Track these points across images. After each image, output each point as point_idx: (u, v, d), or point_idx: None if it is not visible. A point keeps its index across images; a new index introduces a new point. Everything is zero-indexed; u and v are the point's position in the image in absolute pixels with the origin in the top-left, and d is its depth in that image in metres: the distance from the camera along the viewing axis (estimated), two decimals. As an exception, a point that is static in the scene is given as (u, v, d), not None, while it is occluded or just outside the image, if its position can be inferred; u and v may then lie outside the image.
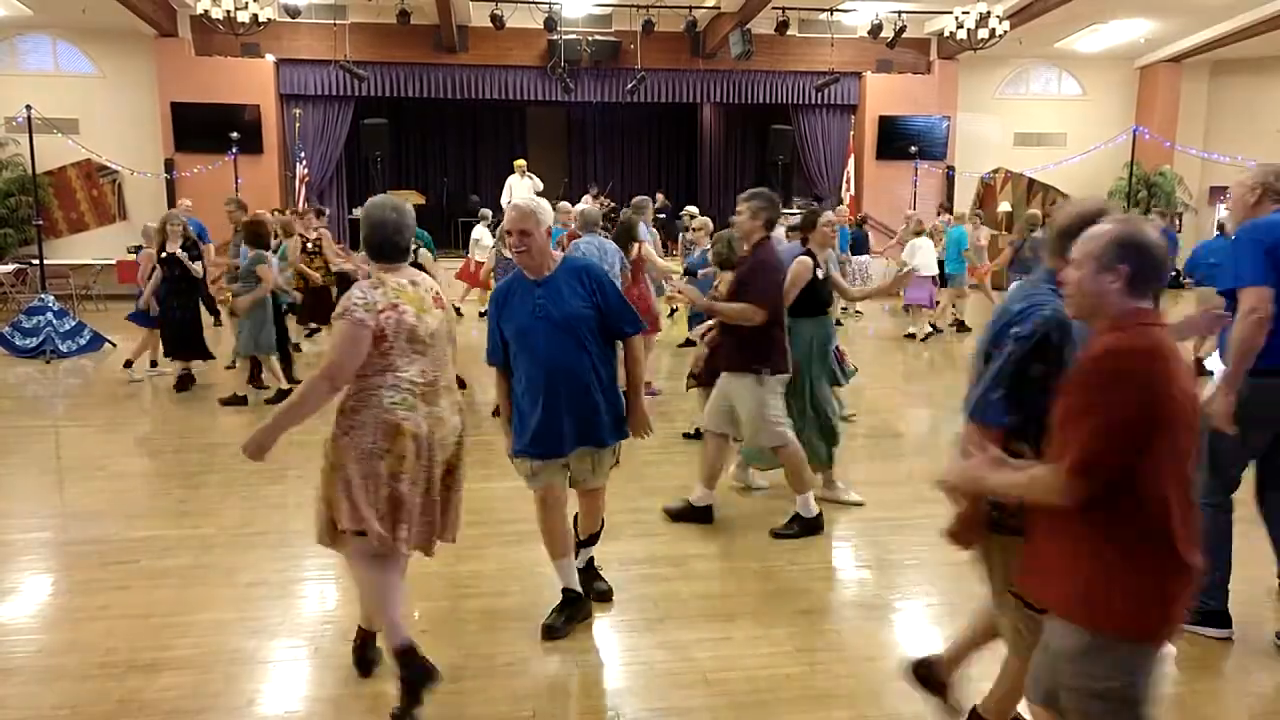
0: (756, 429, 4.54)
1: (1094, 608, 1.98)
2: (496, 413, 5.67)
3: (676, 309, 10.74)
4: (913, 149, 15.74)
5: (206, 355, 8.31)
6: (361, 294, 2.94)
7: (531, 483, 3.59)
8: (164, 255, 8.01)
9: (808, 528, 4.66)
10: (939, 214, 14.18)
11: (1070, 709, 2.07)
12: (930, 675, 2.92)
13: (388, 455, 2.93)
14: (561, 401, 3.43)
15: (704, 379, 5.60)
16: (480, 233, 12.23)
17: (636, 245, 7.06)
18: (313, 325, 10.03)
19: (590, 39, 15.32)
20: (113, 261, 13.67)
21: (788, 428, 4.62)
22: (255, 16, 12.02)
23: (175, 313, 8.08)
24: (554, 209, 11.82)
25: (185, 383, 8.17)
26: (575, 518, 3.88)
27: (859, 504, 5.13)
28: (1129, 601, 1.95)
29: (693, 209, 10.72)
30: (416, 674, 2.93)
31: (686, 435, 6.48)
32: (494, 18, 13.97)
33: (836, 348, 5.47)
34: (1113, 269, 2.00)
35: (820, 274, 4.93)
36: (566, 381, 3.42)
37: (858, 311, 13.06)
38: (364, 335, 2.89)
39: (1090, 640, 1.99)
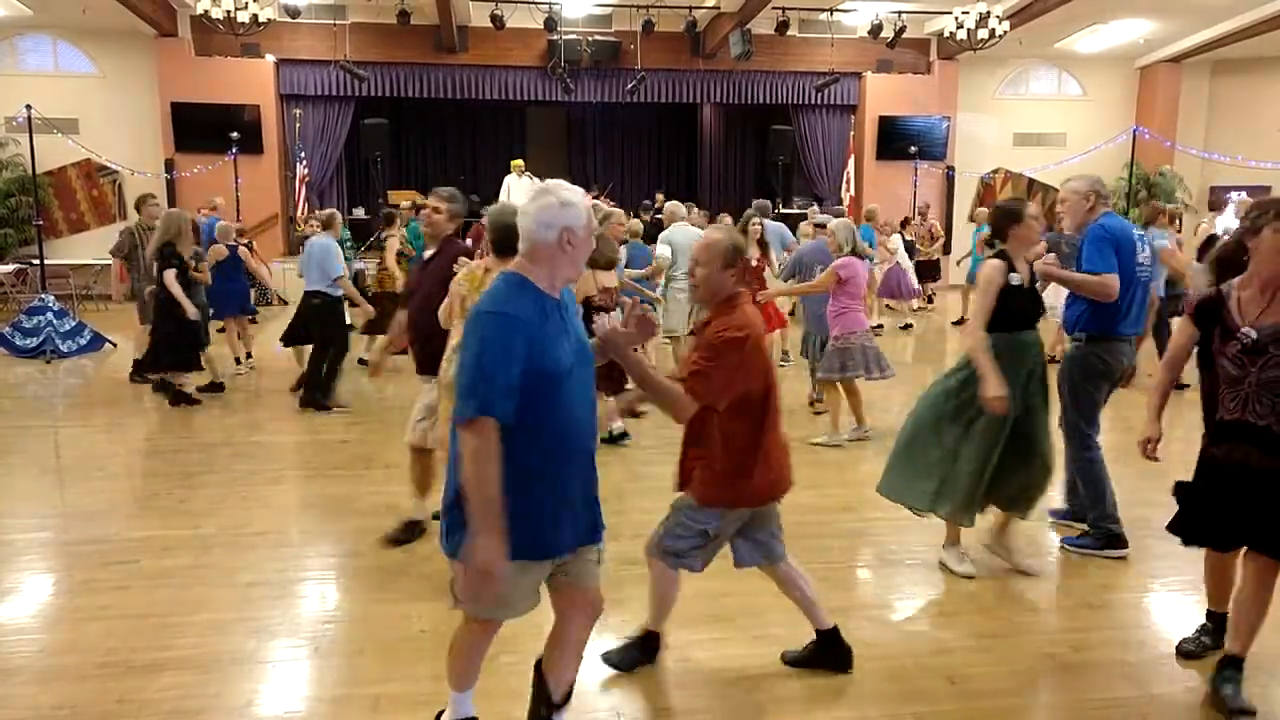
0: None
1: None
2: None
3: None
4: (913, 149, 15.73)
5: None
6: None
7: (520, 604, 2.56)
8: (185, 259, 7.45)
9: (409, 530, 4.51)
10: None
11: None
12: None
13: None
14: (590, 475, 2.61)
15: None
16: None
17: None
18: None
19: (590, 39, 15.32)
20: (112, 262, 13.66)
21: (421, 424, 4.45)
22: (255, 16, 12.02)
23: (177, 321, 7.42)
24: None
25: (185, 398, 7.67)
26: (539, 663, 2.89)
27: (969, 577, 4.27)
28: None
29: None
30: None
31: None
32: (494, 18, 13.96)
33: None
34: (732, 266, 2.97)
35: (1015, 280, 4.06)
36: (593, 445, 2.61)
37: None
38: None
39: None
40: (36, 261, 11.01)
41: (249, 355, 9.21)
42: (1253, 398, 3.06)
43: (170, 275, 7.32)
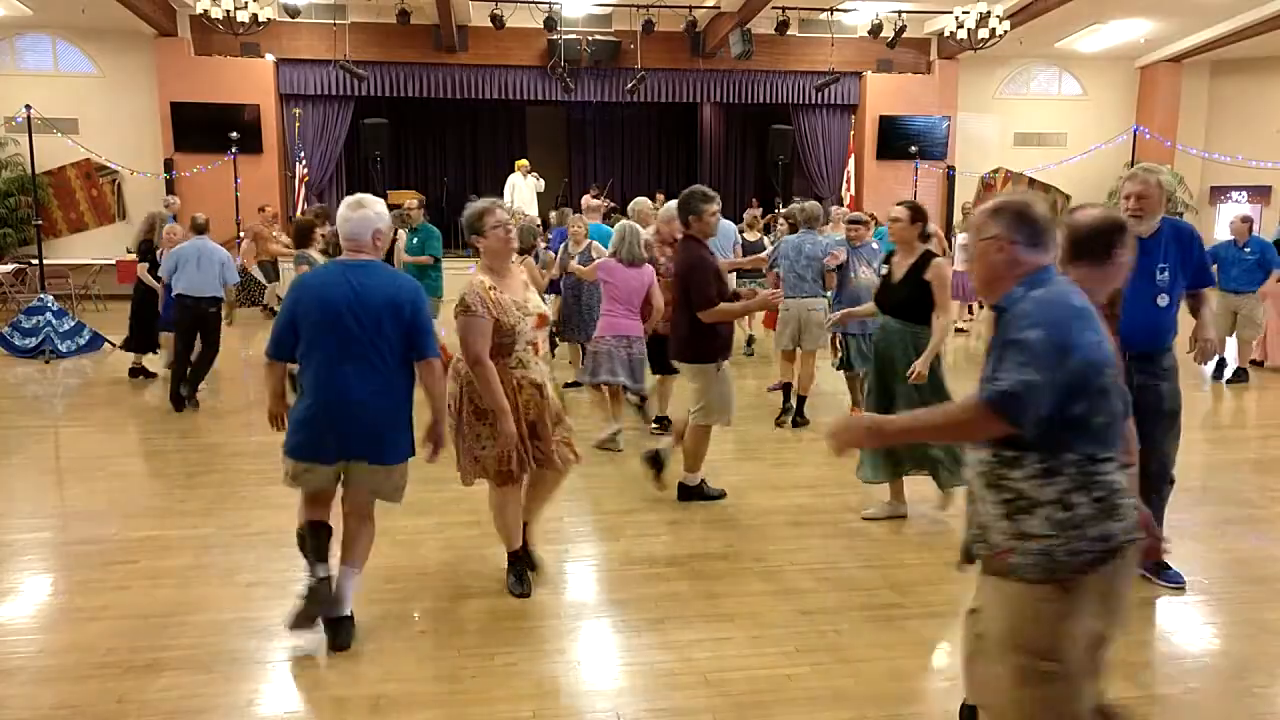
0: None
1: None
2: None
3: None
4: (913, 149, 15.74)
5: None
6: None
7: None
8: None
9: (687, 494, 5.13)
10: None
11: None
12: None
13: None
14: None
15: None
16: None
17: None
18: None
19: (590, 39, 15.32)
20: (112, 261, 13.66)
21: None
22: (255, 16, 12.02)
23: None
24: (557, 211, 11.73)
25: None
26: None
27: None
28: None
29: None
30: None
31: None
32: (494, 17, 13.97)
33: None
34: None
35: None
36: None
37: None
38: None
39: None
40: (35, 261, 11.01)
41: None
42: None
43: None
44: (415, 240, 8.78)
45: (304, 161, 15.16)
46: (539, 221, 12.40)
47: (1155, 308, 3.90)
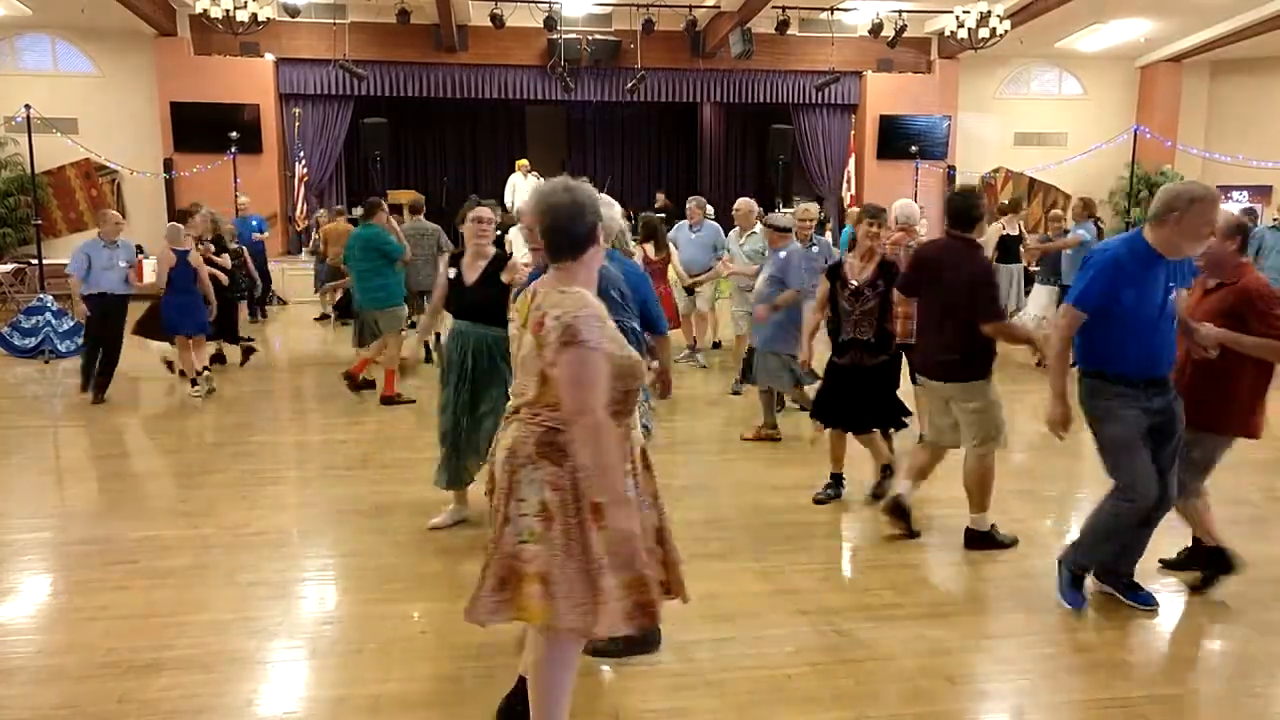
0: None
1: None
2: None
3: None
4: (913, 149, 15.73)
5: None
6: None
7: None
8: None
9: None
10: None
11: None
12: None
13: None
14: None
15: None
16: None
17: None
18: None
19: (590, 38, 15.32)
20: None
21: None
22: (255, 16, 12.00)
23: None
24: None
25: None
26: None
27: None
28: None
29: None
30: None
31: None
32: (494, 17, 13.96)
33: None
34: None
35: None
36: None
37: None
38: None
39: None
40: (35, 261, 11.01)
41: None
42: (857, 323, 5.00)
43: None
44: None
45: (304, 161, 15.14)
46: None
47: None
